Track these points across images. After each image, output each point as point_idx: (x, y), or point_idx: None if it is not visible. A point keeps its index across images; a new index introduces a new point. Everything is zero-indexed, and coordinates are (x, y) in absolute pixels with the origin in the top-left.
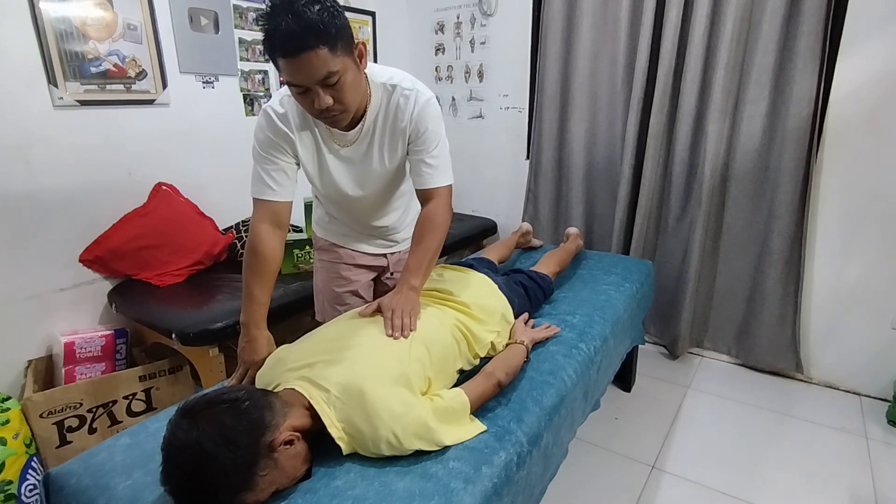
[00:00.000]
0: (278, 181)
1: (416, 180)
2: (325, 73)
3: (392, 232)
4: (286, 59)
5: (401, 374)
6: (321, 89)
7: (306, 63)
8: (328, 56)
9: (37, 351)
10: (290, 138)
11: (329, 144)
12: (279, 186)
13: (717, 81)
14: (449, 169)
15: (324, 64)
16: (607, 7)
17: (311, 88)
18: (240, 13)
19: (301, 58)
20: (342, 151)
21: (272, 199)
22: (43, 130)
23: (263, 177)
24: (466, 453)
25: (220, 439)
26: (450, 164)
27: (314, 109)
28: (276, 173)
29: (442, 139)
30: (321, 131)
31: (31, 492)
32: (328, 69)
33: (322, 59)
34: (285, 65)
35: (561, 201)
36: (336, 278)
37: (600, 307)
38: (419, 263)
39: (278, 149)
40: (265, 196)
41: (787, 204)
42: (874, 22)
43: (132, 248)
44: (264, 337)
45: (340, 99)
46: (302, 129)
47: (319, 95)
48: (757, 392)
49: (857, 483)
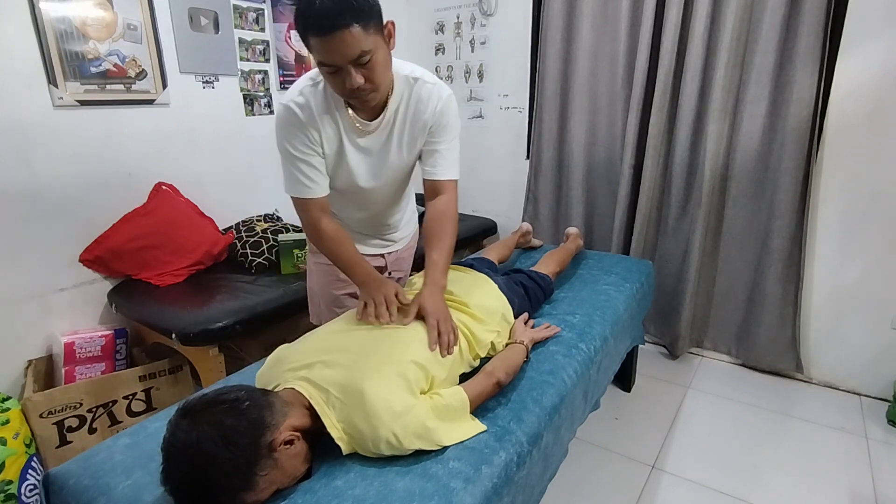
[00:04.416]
0: (313, 178)
1: (430, 171)
2: (359, 52)
3: (392, 231)
4: (320, 38)
5: (400, 374)
6: (353, 68)
7: (340, 42)
8: (361, 34)
9: (37, 351)
10: (315, 125)
11: (350, 134)
12: (314, 183)
13: (717, 81)
14: (458, 165)
15: (357, 42)
16: (607, 7)
17: (342, 68)
18: (240, 13)
19: (335, 36)
20: (361, 141)
21: (313, 197)
22: (43, 130)
23: (299, 176)
24: (466, 453)
25: (220, 439)
26: (458, 161)
27: (345, 89)
28: (310, 170)
29: (457, 135)
30: (343, 120)
31: (31, 492)
32: (361, 48)
33: (356, 37)
34: (318, 44)
35: (561, 201)
36: (334, 281)
37: (600, 307)
38: (445, 259)
39: (306, 142)
40: (306, 195)
41: (787, 204)
42: (874, 22)
43: (132, 248)
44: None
45: (371, 78)
46: (324, 117)
47: (351, 75)
48: (757, 392)
49: (857, 483)
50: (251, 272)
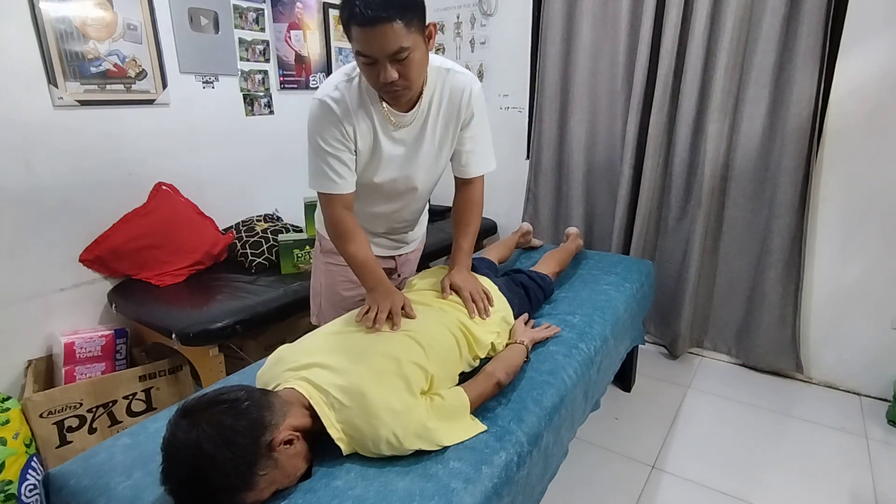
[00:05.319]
0: (341, 174)
1: (464, 169)
2: (397, 48)
3: (409, 228)
4: (362, 29)
5: (400, 374)
6: (389, 63)
7: (381, 35)
8: (403, 31)
9: (37, 351)
10: (351, 120)
11: (385, 126)
12: (342, 179)
13: (717, 81)
14: (492, 155)
15: (397, 38)
16: (607, 7)
17: (379, 61)
18: (240, 13)
19: (377, 29)
20: (396, 133)
21: (339, 193)
22: (43, 130)
23: (327, 171)
24: (467, 453)
25: (220, 439)
26: (492, 150)
27: (378, 82)
28: (339, 166)
29: (488, 126)
30: (378, 114)
31: (31, 492)
32: (400, 44)
33: (397, 32)
34: (359, 34)
35: (561, 201)
36: (344, 282)
37: (600, 307)
38: (471, 244)
39: (338, 137)
40: (332, 190)
41: (787, 204)
42: (874, 22)
43: (132, 248)
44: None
45: (406, 75)
46: (359, 111)
47: (386, 69)
48: (757, 392)
49: (857, 483)
50: (251, 272)
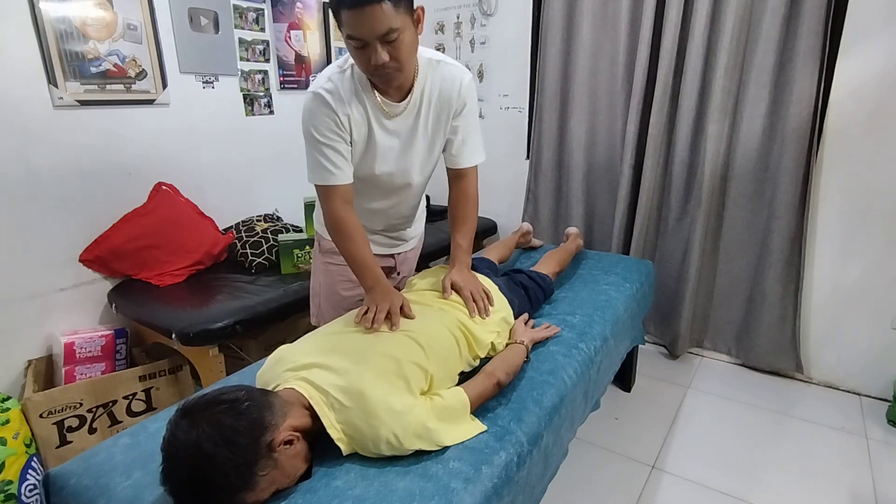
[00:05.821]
0: (338, 164)
1: (456, 159)
2: (387, 29)
3: (406, 225)
4: (350, 11)
5: (400, 374)
6: (379, 45)
7: (370, 16)
8: (391, 11)
9: (37, 351)
10: (345, 110)
11: (378, 116)
12: (339, 170)
13: (717, 81)
14: (482, 148)
15: (386, 19)
16: (607, 7)
17: (369, 43)
18: (240, 13)
19: (365, 10)
20: (390, 124)
21: (337, 184)
22: (43, 130)
23: (323, 162)
24: (466, 453)
25: (220, 439)
26: (482, 143)
27: (369, 66)
28: (335, 156)
29: (477, 118)
30: (370, 103)
31: (31, 492)
32: (390, 25)
33: (386, 13)
34: (349, 17)
35: (561, 201)
36: (343, 281)
37: (600, 307)
38: (470, 241)
39: (333, 127)
40: (329, 181)
41: (787, 204)
42: (874, 22)
43: (132, 248)
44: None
45: (397, 56)
46: (353, 102)
47: (377, 51)
48: (757, 392)
49: (857, 483)
50: (251, 272)
